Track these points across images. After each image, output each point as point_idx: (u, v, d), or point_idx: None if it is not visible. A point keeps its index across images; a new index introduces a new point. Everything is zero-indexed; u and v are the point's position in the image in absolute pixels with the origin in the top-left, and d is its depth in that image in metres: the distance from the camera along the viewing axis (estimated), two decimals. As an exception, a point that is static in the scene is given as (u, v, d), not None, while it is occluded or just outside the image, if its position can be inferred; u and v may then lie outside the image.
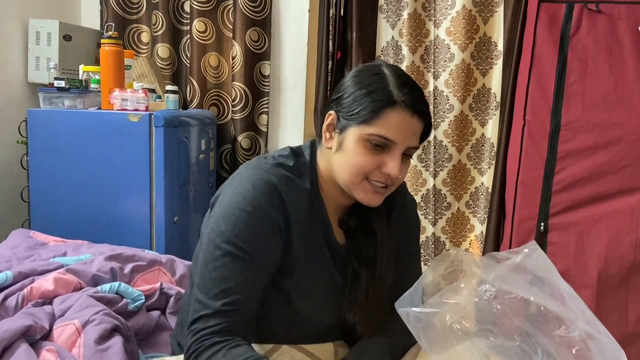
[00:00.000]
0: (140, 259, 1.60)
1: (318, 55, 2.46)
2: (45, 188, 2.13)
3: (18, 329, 1.16)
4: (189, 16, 2.64)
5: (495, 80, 2.39)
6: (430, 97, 2.40)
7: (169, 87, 2.31)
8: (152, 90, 2.44)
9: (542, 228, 2.08)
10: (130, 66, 2.32)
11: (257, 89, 2.64)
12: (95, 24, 2.76)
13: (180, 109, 2.42)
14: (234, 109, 2.64)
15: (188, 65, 2.69)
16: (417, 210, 1.22)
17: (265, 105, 2.65)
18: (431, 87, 2.42)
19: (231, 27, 2.62)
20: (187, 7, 2.66)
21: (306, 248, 1.00)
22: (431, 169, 2.45)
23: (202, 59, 2.64)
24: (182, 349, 1.10)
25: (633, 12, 1.96)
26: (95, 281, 1.45)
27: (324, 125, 1.02)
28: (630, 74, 1.97)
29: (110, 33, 2.16)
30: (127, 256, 1.58)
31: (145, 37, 2.73)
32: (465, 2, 2.31)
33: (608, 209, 2.00)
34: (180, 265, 1.65)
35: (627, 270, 1.99)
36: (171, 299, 1.50)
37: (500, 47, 2.36)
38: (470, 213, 2.51)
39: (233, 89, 2.61)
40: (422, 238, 2.48)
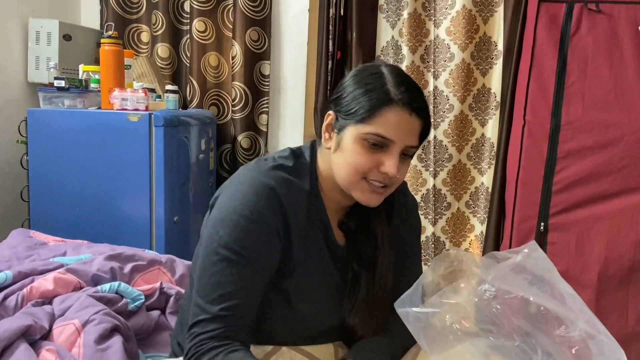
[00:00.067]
0: (140, 258, 1.60)
1: (318, 55, 2.46)
2: (45, 188, 2.13)
3: (18, 328, 1.16)
4: (188, 16, 2.64)
5: (495, 80, 2.39)
6: (430, 97, 2.40)
7: (168, 87, 2.31)
8: (152, 90, 2.44)
9: (542, 228, 2.08)
10: (130, 66, 2.32)
11: (257, 89, 2.64)
12: (95, 24, 2.77)
13: (180, 109, 2.42)
14: (233, 108, 2.63)
15: (188, 65, 2.69)
16: (418, 211, 1.22)
17: (265, 105, 2.65)
18: (431, 87, 2.42)
19: (231, 26, 2.62)
20: (187, 7, 2.66)
21: (306, 249, 1.00)
22: (431, 169, 2.45)
23: (202, 58, 2.64)
24: (182, 349, 1.10)
25: (633, 12, 1.96)
26: (95, 281, 1.45)
27: (323, 125, 1.02)
28: (630, 74, 1.97)
29: (110, 33, 2.16)
30: (127, 256, 1.58)
31: (145, 36, 2.73)
32: (465, 1, 2.31)
33: (608, 209, 2.00)
34: (180, 265, 1.65)
35: (627, 270, 1.99)
36: (171, 299, 1.50)
37: (500, 47, 2.36)
38: (470, 213, 2.51)
39: (233, 88, 2.61)
40: (422, 238, 2.48)
